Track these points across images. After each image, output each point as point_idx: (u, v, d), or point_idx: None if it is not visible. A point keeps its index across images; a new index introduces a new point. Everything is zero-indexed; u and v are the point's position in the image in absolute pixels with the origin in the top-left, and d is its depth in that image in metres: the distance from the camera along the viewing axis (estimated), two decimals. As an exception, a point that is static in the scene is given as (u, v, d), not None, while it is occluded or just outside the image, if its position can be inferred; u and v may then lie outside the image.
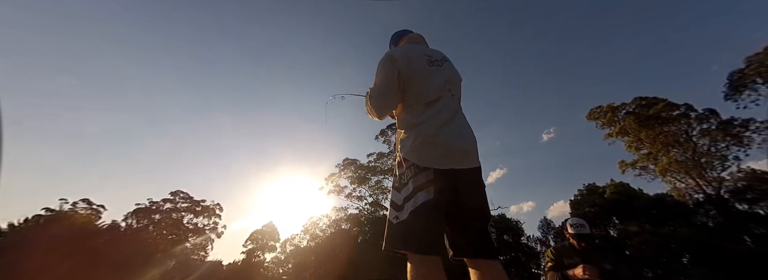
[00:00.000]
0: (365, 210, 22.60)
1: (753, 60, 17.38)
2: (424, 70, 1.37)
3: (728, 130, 17.32)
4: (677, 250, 14.54)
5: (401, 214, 1.11)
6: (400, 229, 1.08)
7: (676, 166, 18.43)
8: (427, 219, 1.06)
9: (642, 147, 20.39)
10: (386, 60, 1.38)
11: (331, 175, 25.03)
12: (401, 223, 1.08)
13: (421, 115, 1.29)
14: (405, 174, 1.20)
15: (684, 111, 19.51)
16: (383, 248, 1.12)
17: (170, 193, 30.31)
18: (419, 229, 1.04)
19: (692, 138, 18.62)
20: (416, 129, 1.26)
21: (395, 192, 1.21)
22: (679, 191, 18.10)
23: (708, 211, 15.79)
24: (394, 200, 1.19)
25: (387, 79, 1.33)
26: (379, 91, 1.35)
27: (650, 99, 21.06)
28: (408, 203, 1.10)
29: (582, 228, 2.66)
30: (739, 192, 15.34)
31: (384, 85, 1.34)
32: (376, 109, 1.39)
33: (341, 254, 21.25)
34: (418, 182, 1.13)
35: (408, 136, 1.26)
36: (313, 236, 24.50)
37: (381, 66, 1.37)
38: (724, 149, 17.19)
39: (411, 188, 1.13)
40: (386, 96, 1.34)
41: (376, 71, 1.39)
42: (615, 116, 22.30)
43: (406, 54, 1.39)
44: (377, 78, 1.37)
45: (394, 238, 1.09)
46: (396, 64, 1.34)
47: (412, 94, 1.33)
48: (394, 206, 1.16)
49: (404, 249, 1.05)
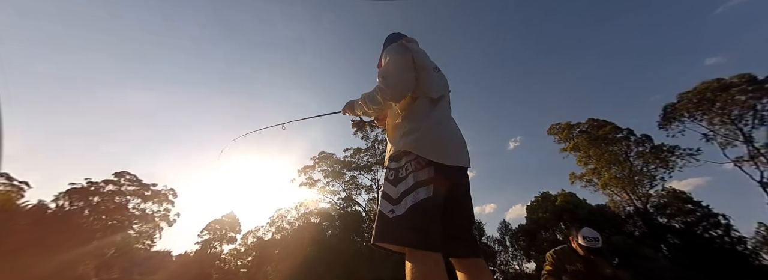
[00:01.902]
0: (337, 205, 22.57)
1: (683, 97, 20.73)
2: (430, 68, 1.39)
3: (658, 155, 20.50)
4: (611, 253, 16.96)
5: (397, 208, 1.06)
6: (396, 223, 1.03)
7: (614, 181, 21.34)
8: (427, 215, 1.02)
9: (589, 162, 23.18)
10: (399, 46, 1.37)
11: (304, 167, 24.50)
12: (398, 217, 1.03)
13: (432, 111, 1.30)
14: (405, 168, 1.15)
15: (625, 135, 22.60)
16: (372, 242, 1.07)
17: (114, 174, 27.15)
18: (420, 225, 1.00)
19: (630, 158, 21.68)
20: (426, 123, 1.24)
21: (389, 185, 1.16)
22: (615, 203, 21.04)
23: (636, 222, 18.67)
24: (388, 192, 1.14)
25: (404, 61, 1.30)
26: (398, 71, 1.27)
27: (601, 121, 24.01)
28: (407, 198, 1.06)
29: (595, 242, 2.56)
30: (660, 207, 18.41)
31: (402, 66, 1.28)
32: (395, 92, 1.24)
33: (309, 248, 21.06)
34: (419, 177, 1.10)
35: (414, 130, 1.22)
36: (280, 228, 23.86)
37: (394, 51, 1.34)
38: (653, 170, 20.34)
39: (411, 183, 1.09)
40: (406, 75, 1.27)
41: (388, 57, 1.34)
42: (570, 133, 25.04)
43: (416, 48, 1.42)
44: (392, 61, 1.31)
45: (389, 232, 1.04)
46: (410, 52, 1.34)
47: (419, 87, 1.32)
48: (389, 199, 1.11)
49: (400, 244, 1.00)
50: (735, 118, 18.58)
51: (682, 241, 16.69)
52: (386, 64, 1.33)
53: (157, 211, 27.40)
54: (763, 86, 17.73)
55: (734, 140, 18.51)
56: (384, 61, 1.37)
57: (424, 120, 1.25)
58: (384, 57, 1.38)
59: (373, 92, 1.32)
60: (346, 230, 20.89)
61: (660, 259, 15.37)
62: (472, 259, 1.17)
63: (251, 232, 25.47)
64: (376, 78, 1.40)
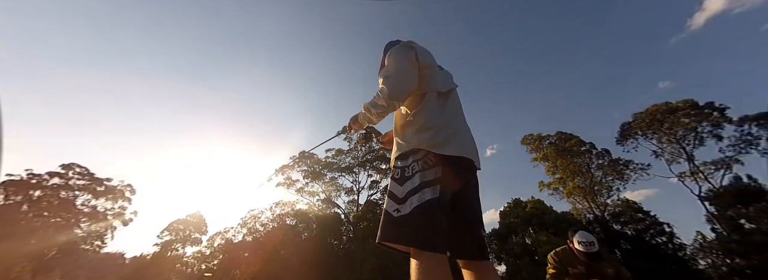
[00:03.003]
0: (316, 207, 22.07)
1: (637, 117, 23.16)
2: (435, 65, 1.40)
3: (615, 167, 22.65)
4: (572, 257, 18.31)
5: (403, 207, 1.04)
6: (402, 223, 1.01)
7: (577, 190, 23.18)
8: (433, 216, 1.01)
9: (557, 172, 24.98)
10: (401, 46, 1.36)
11: (282, 167, 23.70)
12: (403, 217, 1.02)
13: (444, 105, 1.29)
14: (411, 167, 1.14)
15: (588, 148, 24.71)
16: (378, 240, 1.05)
17: (61, 166, 24.30)
18: (425, 225, 0.99)
19: (591, 170, 23.71)
20: (440, 120, 1.23)
21: (395, 184, 1.14)
22: (577, 211, 22.82)
23: (594, 228, 20.38)
24: (393, 191, 1.12)
25: (407, 60, 1.29)
26: (400, 70, 1.26)
27: (568, 134, 26.04)
28: (412, 197, 1.04)
29: (591, 247, 2.51)
30: (616, 215, 20.31)
31: (404, 64, 1.28)
32: (397, 90, 1.22)
33: (282, 251, 20.31)
34: (426, 177, 1.08)
35: (429, 126, 1.20)
36: (252, 230, 22.74)
37: (396, 51, 1.34)
38: (610, 181, 22.41)
39: (417, 182, 1.08)
40: (407, 73, 1.26)
41: (390, 58, 1.33)
42: (541, 144, 26.84)
43: (419, 46, 1.41)
44: (393, 60, 1.30)
45: (394, 231, 1.03)
46: (413, 50, 1.34)
47: (426, 82, 1.31)
48: (394, 198, 1.09)
49: (405, 244, 0.99)
50: (679, 138, 21.10)
51: (633, 247, 18.50)
52: (388, 65, 1.33)
53: (111, 209, 24.86)
54: (703, 111, 20.37)
55: (678, 157, 21.01)
56: (387, 62, 1.36)
57: (438, 116, 1.24)
58: (386, 59, 1.37)
59: (375, 97, 1.30)
60: (324, 232, 20.44)
61: (615, 262, 16.85)
62: (480, 261, 1.16)
63: (219, 233, 24.00)
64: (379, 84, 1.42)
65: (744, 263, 13.66)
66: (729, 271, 14.64)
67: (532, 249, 19.89)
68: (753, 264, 13.04)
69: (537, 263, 18.96)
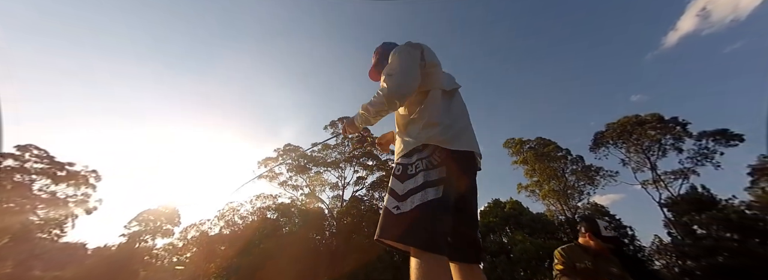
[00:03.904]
0: (299, 201, 21.71)
1: (609, 126, 24.74)
2: (440, 64, 1.37)
3: (587, 173, 24.13)
4: (543, 256, 19.37)
5: (403, 205, 1.02)
6: (403, 221, 0.99)
7: (552, 193, 24.49)
8: (435, 217, 0.99)
9: (534, 175, 26.21)
10: (407, 45, 1.33)
11: (266, 159, 23.08)
12: (403, 215, 1.00)
13: (449, 103, 1.29)
14: (415, 165, 1.11)
15: (564, 154, 26.10)
16: (376, 237, 1.03)
17: (17, 146, 22.19)
18: (427, 225, 0.96)
19: (565, 174, 25.10)
20: (448, 117, 1.22)
21: (396, 181, 1.12)
22: (551, 212, 24.13)
23: (566, 229, 21.67)
24: (394, 188, 1.10)
25: (410, 59, 1.25)
26: (404, 68, 1.22)
27: (546, 140, 27.35)
28: (414, 196, 1.02)
29: (615, 231, 2.47)
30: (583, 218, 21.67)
31: (407, 64, 1.23)
32: (400, 88, 1.18)
33: (262, 245, 19.85)
34: (430, 177, 1.06)
35: (437, 122, 1.18)
36: (230, 223, 21.99)
37: (400, 50, 1.30)
38: (582, 186, 23.86)
39: (420, 181, 1.05)
40: (410, 74, 1.22)
41: (393, 56, 1.29)
42: (521, 148, 28.00)
43: (426, 45, 1.37)
44: (397, 58, 1.26)
45: (395, 230, 1.00)
46: (419, 48, 1.32)
47: (431, 80, 1.30)
48: (395, 195, 1.07)
49: (405, 243, 0.96)
50: (645, 148, 22.80)
51: (599, 247, 19.89)
52: (391, 62, 1.29)
53: (73, 196, 23.08)
54: (667, 125, 22.12)
55: (643, 166, 22.72)
56: (390, 60, 1.31)
57: (445, 113, 1.23)
58: (390, 57, 1.32)
59: (374, 96, 1.26)
60: (306, 227, 20.20)
61: (582, 262, 18.08)
62: (473, 264, 1.15)
63: (194, 225, 23.01)
64: (379, 86, 1.39)
65: (694, 264, 15.12)
66: (681, 272, 16.17)
67: (508, 248, 20.83)
68: (702, 266, 14.47)
69: (512, 260, 19.91)
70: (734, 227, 14.88)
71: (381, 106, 1.23)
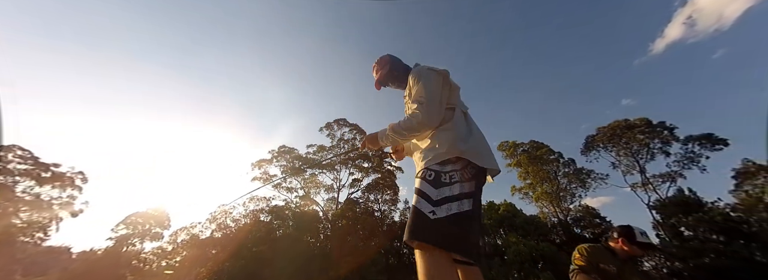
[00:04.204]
0: (293, 203, 21.49)
1: (601, 130, 25.27)
2: (459, 88, 1.47)
3: (578, 176, 24.56)
4: (536, 258, 19.58)
5: (439, 210, 1.05)
6: (439, 226, 1.02)
7: (545, 196, 24.83)
8: (471, 227, 1.04)
9: (527, 178, 26.55)
10: (431, 72, 1.37)
11: (260, 161, 22.80)
12: (440, 220, 1.03)
13: (471, 125, 1.37)
14: (451, 174, 1.15)
15: (556, 157, 26.53)
16: (409, 238, 1.05)
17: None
18: (463, 234, 1.01)
19: (558, 177, 25.49)
20: (476, 134, 1.32)
21: (428, 185, 1.15)
22: (544, 215, 24.43)
23: (558, 231, 21.98)
24: (426, 192, 1.13)
25: (438, 87, 1.33)
26: (434, 98, 1.30)
27: (539, 143, 27.76)
28: (451, 204, 1.06)
29: (648, 238, 2.38)
30: (577, 220, 22.06)
31: (436, 92, 1.31)
32: (432, 117, 1.27)
33: (255, 248, 19.54)
34: (465, 189, 1.11)
35: (467, 137, 1.27)
36: (222, 225, 21.58)
37: (426, 77, 1.34)
38: (574, 188, 24.27)
39: (456, 191, 1.10)
40: (440, 103, 1.31)
41: (421, 81, 1.34)
42: (515, 151, 28.34)
43: (447, 71, 1.43)
44: (425, 86, 1.32)
45: (433, 234, 1.02)
46: (442, 75, 1.37)
47: (454, 99, 1.40)
48: (428, 199, 1.10)
49: (449, 250, 0.99)
50: (634, 152, 23.35)
51: (590, 249, 20.22)
52: (420, 89, 1.33)
53: (58, 198, 22.36)
54: (655, 129, 22.71)
55: (632, 169, 23.24)
56: (416, 86, 1.35)
57: (471, 131, 1.32)
58: (417, 81, 1.36)
59: (410, 120, 1.30)
60: (301, 230, 19.97)
61: (574, 263, 18.36)
62: (474, 267, 1.20)
63: (184, 229, 22.51)
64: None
65: (682, 266, 15.50)
66: (669, 272, 16.55)
67: (502, 250, 20.98)
68: (689, 267, 14.85)
69: (506, 262, 20.03)
70: (719, 229, 15.34)
71: (413, 132, 1.32)
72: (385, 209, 21.11)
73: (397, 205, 21.45)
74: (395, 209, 21.36)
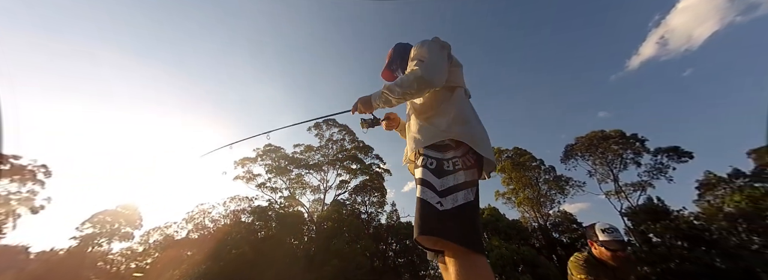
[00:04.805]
0: (277, 204, 20.90)
1: (579, 140, 26.52)
2: (462, 66, 1.37)
3: (558, 183, 25.60)
4: (517, 261, 20.17)
5: (445, 201, 0.98)
6: (448, 218, 0.95)
7: (526, 201, 25.68)
8: (477, 218, 0.98)
9: (510, 183, 27.37)
10: (437, 41, 1.32)
11: (243, 159, 22.05)
12: (447, 212, 0.95)
13: (472, 108, 1.29)
14: (453, 162, 1.07)
15: (538, 164, 27.55)
16: (421, 233, 0.95)
17: (-52, 136, 19.35)
18: (472, 225, 0.95)
19: (539, 183, 26.46)
20: (474, 119, 1.23)
21: (431, 174, 1.06)
22: (525, 219, 25.23)
23: (538, 235, 22.76)
24: (430, 181, 1.04)
25: (441, 51, 1.26)
26: (434, 58, 1.22)
27: (522, 150, 28.72)
28: (457, 194, 0.99)
29: (618, 234, 2.12)
30: (555, 225, 22.95)
31: (438, 55, 1.24)
32: (431, 74, 1.17)
33: (235, 250, 18.82)
34: (469, 177, 1.04)
35: (464, 120, 1.18)
36: (200, 226, 20.62)
37: (429, 42, 1.29)
38: (553, 195, 25.26)
39: (460, 180, 1.02)
40: (441, 65, 1.23)
41: (422, 47, 1.28)
42: (499, 157, 29.15)
43: (446, 42, 1.36)
44: (427, 48, 1.25)
45: (444, 227, 0.94)
46: (447, 46, 1.31)
47: (457, 78, 1.30)
48: (433, 190, 1.02)
49: (460, 243, 0.91)
50: (609, 161, 24.66)
51: (567, 253, 21.08)
52: (420, 51, 1.26)
53: (16, 192, 20.52)
54: (628, 141, 24.12)
55: (607, 178, 24.51)
56: (416, 50, 1.30)
57: (471, 114, 1.22)
58: (418, 48, 1.30)
59: (407, 76, 1.21)
60: (284, 231, 19.45)
61: (551, 267, 19.05)
62: (484, 257, 1.19)
63: (158, 229, 21.30)
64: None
65: (650, 270, 16.47)
66: (637, 278, 17.58)
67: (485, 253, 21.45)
68: (656, 271, 15.81)
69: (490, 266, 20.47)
70: (684, 236, 16.47)
71: (410, 88, 1.20)
72: (372, 211, 21.02)
73: (384, 207, 21.43)
74: (382, 212, 21.32)
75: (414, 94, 1.21)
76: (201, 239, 20.08)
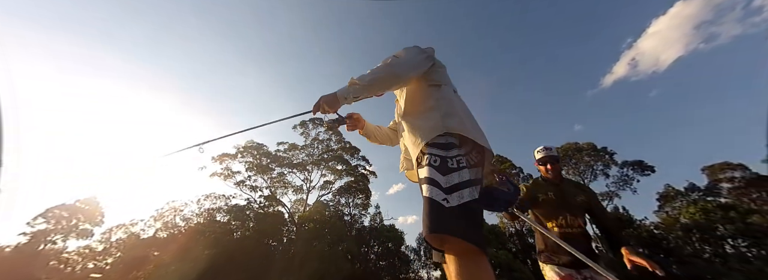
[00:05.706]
0: (257, 203, 20.11)
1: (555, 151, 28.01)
2: (446, 68, 1.42)
3: (534, 190, 26.80)
4: (495, 265, 20.81)
5: (451, 198, 0.95)
6: (455, 216, 0.92)
7: (503, 207, 26.59)
8: (481, 216, 0.98)
9: (489, 190, 28.24)
10: (416, 46, 1.36)
11: (222, 155, 21.04)
12: (453, 209, 0.93)
13: (460, 99, 1.30)
14: (457, 159, 1.05)
15: (517, 172, 28.71)
16: (432, 231, 0.91)
17: None
18: (477, 223, 0.94)
19: (516, 190, 27.53)
20: (464, 112, 1.22)
21: (435, 171, 1.03)
22: (503, 224, 26.07)
23: (514, 240, 23.58)
24: (435, 178, 1.01)
25: (419, 50, 1.32)
26: (410, 53, 1.29)
27: (503, 158, 29.78)
28: (462, 191, 0.97)
29: (551, 151, 2.37)
30: (531, 231, 23.92)
31: (415, 51, 1.31)
32: (405, 62, 1.23)
33: (207, 251, 17.88)
34: (474, 175, 1.03)
35: (454, 113, 1.17)
36: (169, 224, 19.37)
37: (409, 47, 1.34)
38: (529, 202, 26.38)
39: (466, 177, 1.00)
40: (417, 57, 1.28)
41: (401, 50, 1.32)
42: (480, 164, 30.08)
43: (429, 47, 1.41)
44: (404, 51, 1.31)
45: (454, 224, 0.91)
46: (427, 50, 1.35)
47: (442, 77, 1.33)
48: (438, 187, 0.99)
49: (470, 241, 0.89)
50: (581, 172, 26.18)
51: (540, 258, 22.06)
52: (399, 51, 1.31)
53: (-47, 182, 18.17)
54: (599, 153, 25.76)
55: (579, 187, 26.00)
56: (398, 52, 1.34)
57: (461, 107, 1.23)
58: (400, 51, 1.34)
59: (379, 65, 1.23)
60: (262, 232, 18.75)
61: (526, 271, 19.83)
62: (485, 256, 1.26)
63: (122, 226, 19.74)
64: None
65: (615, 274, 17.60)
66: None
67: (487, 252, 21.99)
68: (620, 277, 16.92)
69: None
70: (646, 243, 17.79)
71: (380, 74, 1.19)
72: (356, 213, 20.79)
73: (368, 209, 21.26)
74: (366, 214, 21.14)
75: (387, 83, 1.21)
76: (170, 238, 18.88)
